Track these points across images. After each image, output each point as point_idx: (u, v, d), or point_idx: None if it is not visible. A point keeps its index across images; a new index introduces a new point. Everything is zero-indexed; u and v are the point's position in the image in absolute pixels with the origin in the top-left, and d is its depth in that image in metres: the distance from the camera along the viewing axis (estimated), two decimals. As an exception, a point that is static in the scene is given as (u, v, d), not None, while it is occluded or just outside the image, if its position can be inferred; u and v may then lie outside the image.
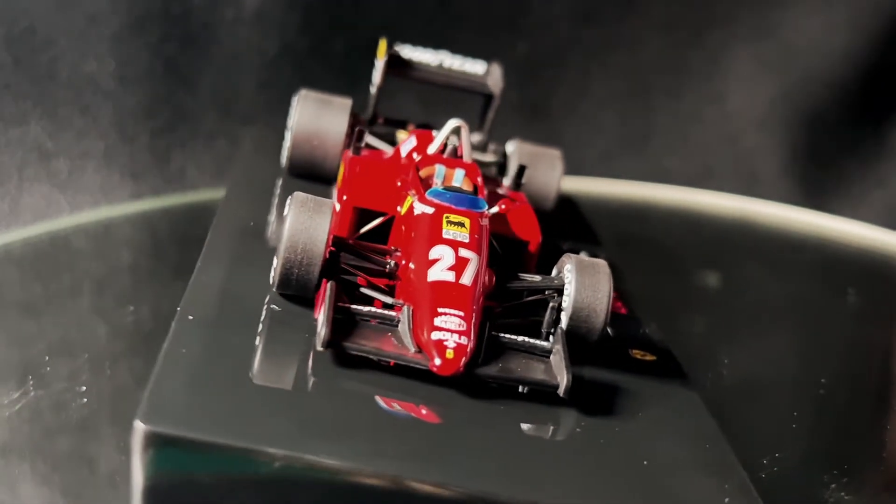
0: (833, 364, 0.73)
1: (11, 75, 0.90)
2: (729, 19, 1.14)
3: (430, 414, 0.47)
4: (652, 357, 0.56)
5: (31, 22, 0.91)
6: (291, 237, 0.51)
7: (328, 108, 0.69)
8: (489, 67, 0.73)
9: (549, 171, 0.71)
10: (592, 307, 0.52)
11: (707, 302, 0.83)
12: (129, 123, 0.94)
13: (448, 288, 0.50)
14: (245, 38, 1.00)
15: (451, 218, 0.53)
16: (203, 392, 0.45)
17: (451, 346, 0.47)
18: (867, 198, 1.13)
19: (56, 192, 0.89)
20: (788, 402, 0.67)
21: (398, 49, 0.73)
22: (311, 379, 0.48)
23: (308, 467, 0.41)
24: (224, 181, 0.98)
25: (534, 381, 0.48)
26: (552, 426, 0.48)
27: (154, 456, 0.41)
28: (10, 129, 0.90)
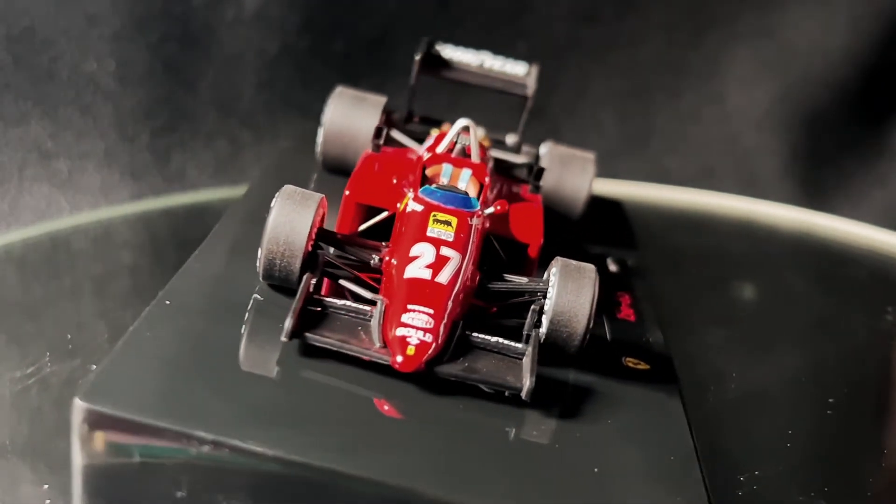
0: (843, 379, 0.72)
1: (11, 75, 0.90)
2: (729, 19, 1.14)
3: (390, 409, 0.47)
4: (645, 366, 0.55)
5: (31, 22, 0.91)
6: (274, 228, 0.51)
7: (361, 105, 0.70)
8: (530, 69, 0.72)
9: (579, 175, 0.70)
10: (573, 312, 0.51)
11: (734, 313, 0.81)
12: (129, 123, 0.94)
13: (422, 285, 0.50)
14: (245, 38, 1.00)
15: (439, 216, 0.53)
16: (154, 375, 0.45)
17: (414, 343, 0.47)
18: (867, 198, 1.13)
19: (56, 192, 0.89)
20: (789, 419, 0.65)
21: (440, 49, 0.72)
22: (274, 369, 0.48)
23: (235, 453, 0.42)
24: (225, 179, 0.98)
25: (496, 382, 0.48)
26: (509, 428, 0.48)
27: (92, 434, 0.42)
28: (10, 129, 0.90)
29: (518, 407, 0.48)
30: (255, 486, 0.43)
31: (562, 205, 0.70)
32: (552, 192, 0.69)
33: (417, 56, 0.71)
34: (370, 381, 0.48)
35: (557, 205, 0.70)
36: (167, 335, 0.49)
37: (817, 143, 1.15)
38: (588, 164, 0.71)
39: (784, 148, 1.15)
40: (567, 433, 0.48)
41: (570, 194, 0.70)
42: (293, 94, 1.03)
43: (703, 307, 0.80)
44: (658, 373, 0.55)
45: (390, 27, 1.06)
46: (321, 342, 0.48)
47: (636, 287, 0.65)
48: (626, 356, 0.56)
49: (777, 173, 1.15)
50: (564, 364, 0.52)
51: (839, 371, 0.72)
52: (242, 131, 1.00)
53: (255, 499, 0.43)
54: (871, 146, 1.15)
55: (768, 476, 0.58)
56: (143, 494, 0.43)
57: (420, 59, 0.71)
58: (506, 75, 0.72)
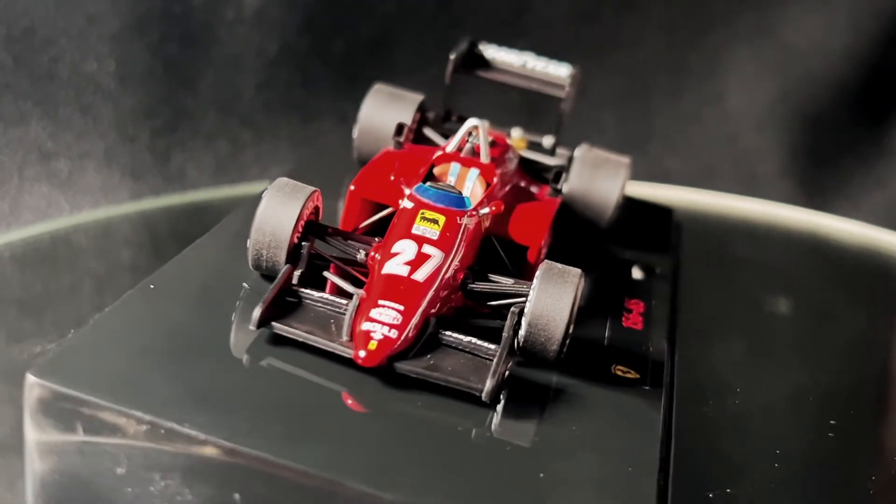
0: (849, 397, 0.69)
1: (11, 75, 0.90)
2: (729, 19, 1.14)
3: (344, 402, 0.47)
4: (635, 375, 0.54)
5: (31, 22, 0.91)
6: (260, 219, 0.52)
7: (395, 102, 0.70)
8: (573, 71, 0.71)
9: (609, 180, 0.68)
10: (551, 316, 0.50)
11: (760, 326, 0.77)
12: (130, 123, 0.94)
13: (397, 282, 0.50)
14: (245, 38, 1.00)
15: (427, 214, 0.53)
16: (114, 355, 0.47)
17: (377, 339, 0.47)
18: (867, 197, 1.13)
19: (56, 192, 0.89)
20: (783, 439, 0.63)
21: (482, 49, 0.72)
22: (241, 356, 0.48)
23: (171, 435, 0.43)
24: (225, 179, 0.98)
25: (456, 381, 0.48)
26: (462, 427, 0.47)
27: (42, 408, 0.44)
28: (11, 129, 0.90)
29: (482, 407, 0.48)
30: (189, 468, 0.43)
31: (591, 209, 0.68)
32: (581, 196, 0.68)
33: (453, 55, 0.70)
34: (334, 374, 0.48)
35: (586, 209, 0.68)
36: (141, 318, 0.50)
37: (817, 143, 1.15)
38: (620, 168, 0.69)
39: (784, 148, 1.15)
40: (523, 436, 0.48)
41: (599, 199, 0.68)
42: (293, 94, 1.03)
43: (732, 319, 0.77)
44: (646, 382, 0.54)
45: (390, 27, 1.06)
46: (287, 332, 0.48)
47: (658, 295, 0.63)
48: (617, 364, 0.54)
49: (777, 173, 1.15)
50: (550, 367, 0.52)
51: (846, 389, 0.69)
52: (242, 131, 1.00)
53: (188, 481, 0.44)
54: (871, 146, 1.15)
55: (738, 496, 0.56)
56: (86, 469, 0.44)
57: (455, 58, 0.70)
58: (548, 76, 0.71)
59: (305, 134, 1.03)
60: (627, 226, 0.71)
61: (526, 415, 0.49)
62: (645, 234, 0.73)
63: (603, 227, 0.68)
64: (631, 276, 0.66)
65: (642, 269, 0.66)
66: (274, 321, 0.49)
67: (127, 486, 0.44)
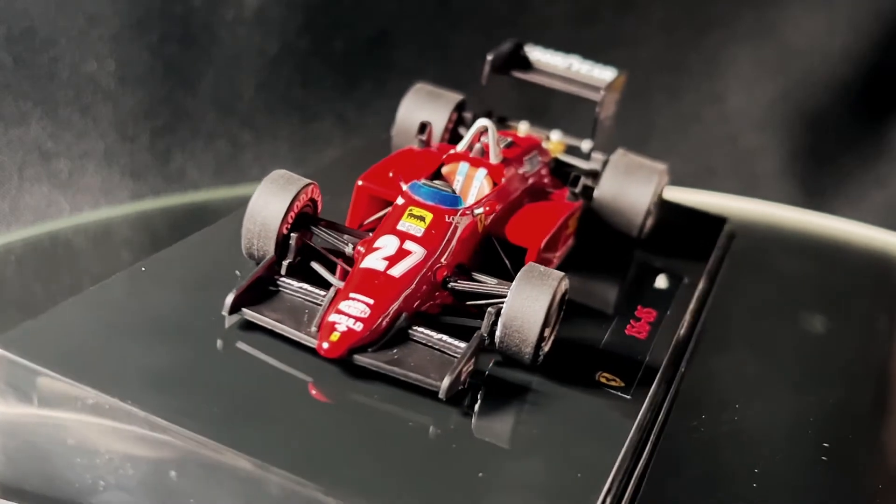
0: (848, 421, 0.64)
1: (11, 75, 0.90)
2: (729, 19, 1.14)
3: (300, 390, 0.48)
4: (620, 383, 0.53)
5: (31, 22, 0.91)
6: (251, 208, 0.53)
7: (434, 101, 0.70)
8: (618, 75, 0.71)
9: (641, 186, 0.66)
10: (525, 318, 0.49)
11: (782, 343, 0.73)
12: (129, 123, 0.94)
13: (372, 276, 0.50)
14: (245, 38, 1.00)
15: (414, 211, 0.53)
16: (81, 333, 0.49)
17: (341, 331, 0.48)
18: (867, 198, 1.13)
19: (56, 193, 0.89)
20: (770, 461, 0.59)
21: (528, 50, 0.72)
22: (212, 341, 0.49)
23: (114, 411, 0.44)
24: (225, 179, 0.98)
25: (415, 377, 0.48)
26: (414, 423, 0.47)
27: (3, 378, 0.46)
28: (11, 129, 0.90)
29: (444, 405, 0.48)
30: (130, 443, 0.45)
31: (621, 216, 0.67)
32: (611, 202, 0.66)
33: (490, 56, 0.70)
34: (300, 363, 0.48)
35: (616, 215, 0.67)
36: (121, 298, 0.52)
37: (817, 143, 1.15)
38: (653, 175, 0.67)
39: (784, 148, 1.15)
40: (475, 436, 0.47)
41: (629, 205, 0.66)
42: (293, 94, 1.03)
43: (761, 333, 0.73)
44: (630, 392, 0.53)
45: (390, 27, 1.06)
46: (257, 319, 0.50)
47: (677, 305, 0.62)
48: (603, 371, 0.54)
49: (777, 173, 1.15)
50: (532, 370, 0.51)
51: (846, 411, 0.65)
52: (242, 131, 1.00)
53: (130, 456, 0.45)
54: (871, 146, 1.15)
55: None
56: (41, 439, 0.47)
57: (492, 59, 0.70)
58: (586, 79, 0.70)
59: (305, 134, 1.03)
60: (669, 233, 0.70)
61: (487, 415, 0.49)
62: (687, 242, 0.71)
63: (634, 234, 0.67)
64: (653, 285, 0.64)
65: (669, 279, 0.65)
66: (247, 308, 0.50)
67: (76, 457, 0.46)
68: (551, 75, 0.71)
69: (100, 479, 0.46)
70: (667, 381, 0.56)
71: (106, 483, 0.46)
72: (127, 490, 0.46)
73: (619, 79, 0.71)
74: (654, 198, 0.67)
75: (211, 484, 0.44)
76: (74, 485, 0.46)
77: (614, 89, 0.71)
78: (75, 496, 0.46)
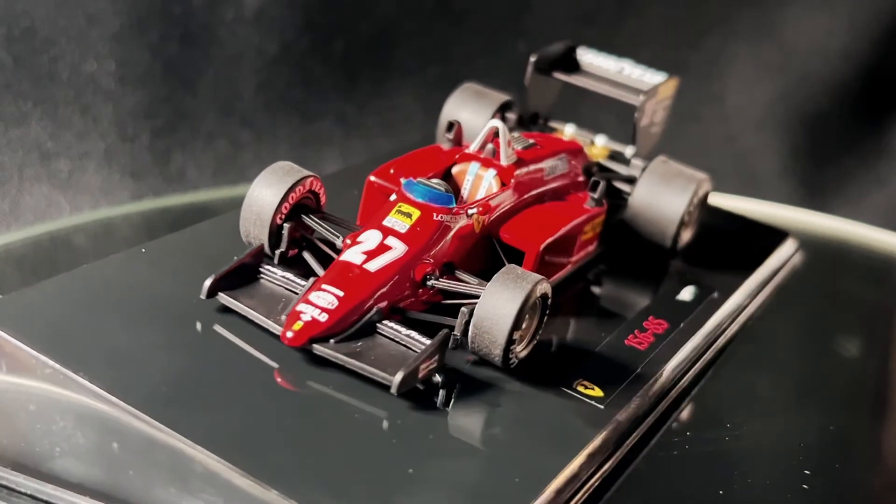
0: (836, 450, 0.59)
1: (12, 75, 0.90)
2: (729, 19, 1.14)
3: (266, 379, 0.48)
4: (598, 393, 0.52)
5: (32, 22, 0.91)
6: (249, 197, 0.54)
7: (479, 100, 0.70)
8: (667, 80, 0.69)
9: (676, 195, 0.64)
10: (495, 319, 0.49)
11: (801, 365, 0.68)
12: (130, 124, 0.94)
13: (347, 269, 0.51)
14: (245, 38, 1.00)
15: (402, 208, 0.54)
16: (58, 307, 0.51)
17: (304, 320, 0.48)
18: (867, 198, 1.13)
19: (56, 193, 0.89)
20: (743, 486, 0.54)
21: (581, 53, 0.71)
22: (188, 324, 0.51)
23: (67, 382, 0.46)
24: (225, 179, 0.98)
25: (370, 370, 0.48)
26: (360, 416, 0.47)
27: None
28: (11, 129, 0.90)
29: (398, 400, 0.47)
30: (80, 414, 0.47)
31: (654, 224, 0.65)
32: (643, 210, 0.65)
33: (533, 57, 0.69)
34: (271, 349, 0.49)
35: (650, 224, 0.65)
36: (113, 277, 0.54)
37: (817, 143, 1.15)
38: (690, 184, 0.64)
39: (784, 148, 1.15)
40: (421, 433, 0.47)
41: (661, 215, 0.64)
42: (293, 94, 1.03)
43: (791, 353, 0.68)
44: (606, 403, 0.51)
45: (390, 27, 1.06)
46: (231, 304, 0.51)
47: (694, 319, 0.60)
48: (585, 379, 0.52)
49: (777, 173, 1.15)
50: (510, 371, 0.51)
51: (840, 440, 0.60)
52: (242, 131, 1.00)
53: (80, 425, 0.47)
54: (871, 146, 1.15)
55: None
56: (8, 404, 0.49)
57: (535, 61, 0.69)
58: (635, 83, 0.68)
59: (305, 134, 1.03)
60: (717, 244, 0.68)
61: (442, 413, 0.48)
62: (734, 255, 0.69)
63: (667, 244, 0.65)
64: (676, 296, 0.63)
65: (697, 291, 0.63)
66: (224, 292, 0.51)
67: (37, 422, 0.48)
68: (595, 77, 0.70)
69: (56, 446, 0.48)
70: (653, 395, 0.54)
71: (61, 449, 0.48)
72: (77, 457, 0.48)
73: (664, 84, 0.69)
74: (690, 208, 0.65)
75: (147, 458, 0.45)
76: (35, 448, 0.48)
77: (658, 95, 0.68)
78: (35, 460, 0.48)
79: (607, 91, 0.69)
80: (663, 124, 0.71)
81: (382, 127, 1.05)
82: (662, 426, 0.54)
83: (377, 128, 1.05)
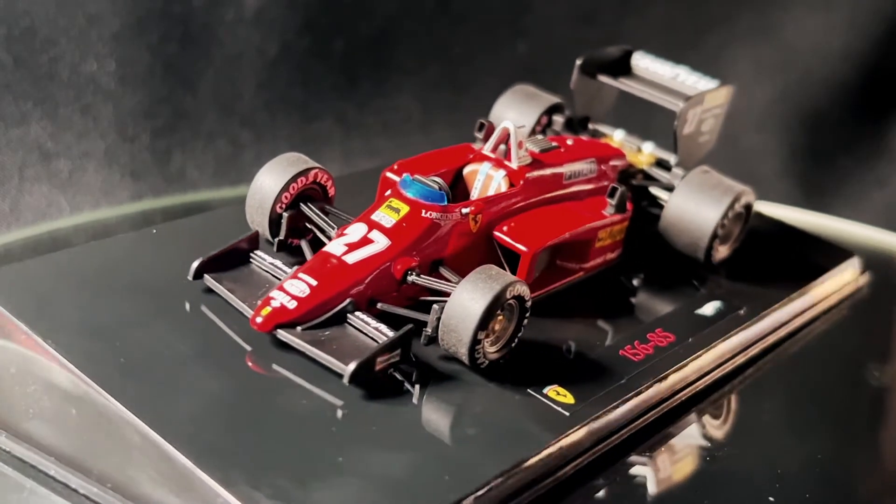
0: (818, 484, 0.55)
1: (12, 75, 0.90)
2: (729, 19, 1.14)
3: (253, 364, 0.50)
4: (569, 399, 0.50)
5: (32, 22, 0.91)
6: (253, 185, 0.56)
7: (527, 101, 0.70)
8: (719, 88, 0.68)
9: (710, 207, 0.62)
10: (462, 317, 0.48)
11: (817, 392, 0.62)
12: (130, 124, 0.94)
13: (325, 259, 0.52)
14: (245, 38, 1.00)
15: (392, 203, 0.54)
16: (53, 279, 0.54)
17: (274, 306, 0.49)
18: (867, 198, 1.13)
19: (56, 193, 0.89)
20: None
21: (638, 58, 0.70)
22: (175, 304, 0.53)
23: (39, 349, 0.49)
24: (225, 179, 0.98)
25: (326, 359, 0.48)
26: (308, 401, 0.47)
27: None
28: (11, 130, 0.90)
29: (355, 391, 0.48)
30: (48, 380, 0.49)
31: (686, 237, 0.63)
32: (676, 221, 0.63)
33: (579, 60, 0.68)
34: (245, 331, 0.50)
35: (682, 235, 0.63)
36: (117, 255, 0.56)
37: (817, 143, 1.15)
38: (726, 196, 0.62)
39: (784, 148, 1.15)
40: (364, 424, 0.47)
41: (693, 227, 0.62)
42: (293, 94, 1.03)
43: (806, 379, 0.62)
44: (574, 411, 0.50)
45: (390, 27, 1.06)
46: (214, 286, 0.52)
47: (708, 335, 0.57)
48: (562, 385, 0.51)
49: (777, 173, 1.15)
50: (485, 372, 0.50)
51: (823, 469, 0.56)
52: (242, 131, 1.00)
53: (48, 390, 0.50)
54: (871, 146, 1.15)
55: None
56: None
57: (581, 64, 0.68)
58: (681, 89, 0.67)
59: (305, 134, 1.03)
60: (768, 259, 0.66)
61: (393, 405, 0.48)
62: (782, 272, 0.66)
63: (700, 257, 0.63)
64: (695, 310, 0.60)
65: (722, 307, 0.61)
66: (210, 274, 0.52)
67: (16, 384, 0.51)
68: (643, 82, 0.69)
69: (29, 408, 0.50)
70: (629, 409, 0.52)
71: (33, 411, 0.50)
72: (45, 420, 0.50)
73: (713, 92, 0.67)
74: (725, 221, 0.62)
75: (99, 426, 0.47)
76: (14, 409, 0.51)
77: (706, 102, 0.66)
78: (13, 420, 0.51)
79: (650, 96, 0.68)
80: (714, 134, 0.69)
81: (382, 127, 1.05)
82: (634, 445, 0.52)
83: (377, 128, 1.05)
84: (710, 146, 0.69)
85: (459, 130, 1.06)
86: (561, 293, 0.59)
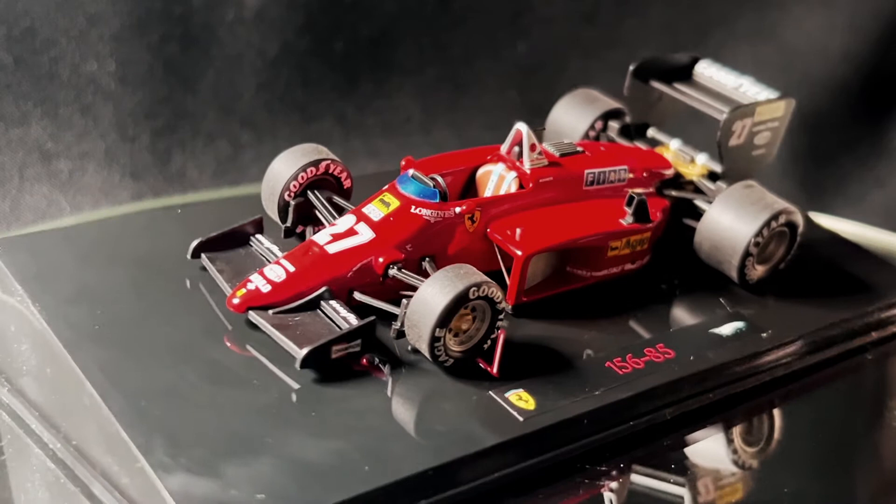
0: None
1: (12, 75, 0.90)
2: (729, 19, 1.14)
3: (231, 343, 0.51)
4: (530, 405, 0.48)
5: (32, 22, 0.91)
6: (268, 172, 0.58)
7: (586, 105, 0.69)
8: (773, 100, 0.64)
9: (744, 225, 0.58)
10: (423, 312, 0.48)
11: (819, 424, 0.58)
12: (130, 124, 0.94)
13: (308, 248, 0.53)
14: (245, 38, 1.00)
15: (385, 197, 0.54)
16: (59, 247, 0.57)
17: (249, 289, 0.51)
18: (867, 198, 1.13)
19: (57, 193, 0.89)
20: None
21: (703, 66, 0.69)
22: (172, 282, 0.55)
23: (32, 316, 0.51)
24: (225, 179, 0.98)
25: (284, 342, 0.49)
26: (259, 383, 0.48)
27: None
28: (11, 130, 0.90)
29: (315, 375, 0.49)
30: (33, 340, 0.52)
31: (719, 254, 0.59)
32: (709, 236, 0.60)
33: (632, 66, 0.68)
34: (229, 311, 0.51)
35: (715, 253, 0.59)
36: (132, 231, 0.59)
37: (817, 143, 1.15)
38: (763, 213, 0.58)
39: (784, 148, 1.15)
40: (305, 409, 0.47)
41: (725, 244, 0.59)
42: (293, 94, 1.03)
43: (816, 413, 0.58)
44: (529, 417, 0.48)
45: (390, 27, 1.06)
46: (206, 264, 0.54)
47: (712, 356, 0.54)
48: (528, 390, 0.49)
49: (777, 173, 1.15)
50: (451, 369, 0.50)
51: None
52: (242, 131, 1.00)
53: (32, 349, 0.52)
54: (871, 146, 1.15)
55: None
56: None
57: (634, 69, 0.67)
58: (733, 98, 0.65)
59: (305, 134, 1.03)
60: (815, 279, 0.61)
61: (342, 393, 0.48)
62: (829, 295, 0.61)
63: (734, 276, 0.59)
64: (710, 329, 0.56)
65: (744, 328, 0.56)
66: (207, 253, 0.54)
67: (14, 342, 0.54)
68: (699, 89, 0.67)
69: (23, 365, 0.53)
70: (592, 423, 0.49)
71: (26, 367, 0.53)
72: (30, 376, 0.52)
73: (768, 104, 0.64)
74: (759, 239, 0.58)
75: (67, 387, 0.49)
76: (12, 364, 0.53)
77: (758, 114, 0.63)
78: (11, 374, 0.53)
79: (698, 104, 0.66)
80: (773, 147, 0.66)
81: (382, 127, 1.05)
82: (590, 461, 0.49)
83: (377, 128, 1.05)
84: (769, 160, 0.66)
85: (459, 130, 1.06)
86: (573, 296, 0.58)
